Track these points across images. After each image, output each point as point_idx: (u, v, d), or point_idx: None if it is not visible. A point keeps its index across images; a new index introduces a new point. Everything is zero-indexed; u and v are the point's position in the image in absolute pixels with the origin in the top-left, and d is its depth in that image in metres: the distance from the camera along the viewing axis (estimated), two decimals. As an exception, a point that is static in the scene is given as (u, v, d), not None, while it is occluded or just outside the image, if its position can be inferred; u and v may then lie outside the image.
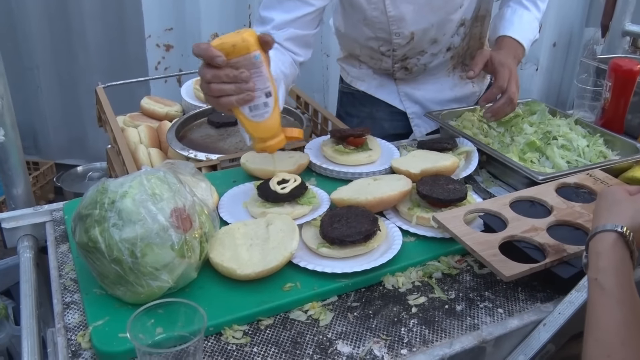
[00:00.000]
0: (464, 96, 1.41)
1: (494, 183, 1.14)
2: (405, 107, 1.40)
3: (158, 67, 2.40)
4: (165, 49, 2.39)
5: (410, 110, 1.40)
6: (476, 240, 0.82)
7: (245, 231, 0.85)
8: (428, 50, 1.27)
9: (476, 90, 1.43)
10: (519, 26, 1.26)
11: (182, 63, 2.42)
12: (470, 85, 1.40)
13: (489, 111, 1.17)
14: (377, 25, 1.20)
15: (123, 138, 1.36)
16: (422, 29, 1.21)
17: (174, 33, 2.37)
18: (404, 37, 1.22)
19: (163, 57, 2.39)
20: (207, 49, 0.80)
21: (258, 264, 0.78)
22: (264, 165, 1.07)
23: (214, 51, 0.80)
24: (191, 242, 0.74)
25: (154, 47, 2.37)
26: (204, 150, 1.31)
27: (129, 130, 1.49)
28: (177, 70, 2.41)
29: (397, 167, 1.07)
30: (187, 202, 0.76)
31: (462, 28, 1.27)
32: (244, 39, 0.81)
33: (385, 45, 1.24)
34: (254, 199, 0.98)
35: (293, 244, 0.81)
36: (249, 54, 0.82)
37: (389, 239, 0.88)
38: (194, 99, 1.76)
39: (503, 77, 1.14)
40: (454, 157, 1.06)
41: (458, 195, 0.93)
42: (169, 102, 1.73)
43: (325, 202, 0.97)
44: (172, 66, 2.42)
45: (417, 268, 0.85)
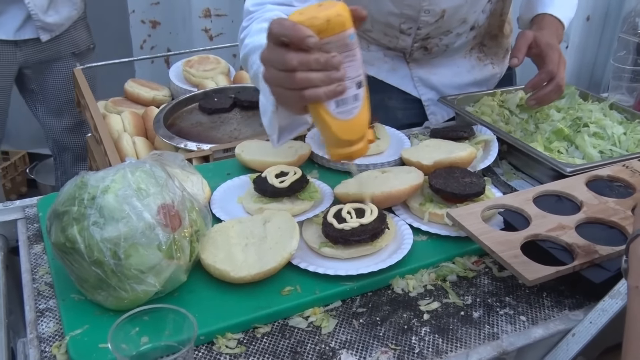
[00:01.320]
0: (483, 79, 1.41)
1: (516, 176, 1.14)
2: (420, 93, 1.40)
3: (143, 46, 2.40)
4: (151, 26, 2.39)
5: (426, 97, 1.40)
6: (495, 239, 0.82)
7: (240, 229, 0.86)
8: (454, 30, 1.27)
9: (497, 72, 1.43)
10: (559, 2, 1.25)
11: (170, 41, 2.42)
12: (489, 67, 1.40)
13: (534, 98, 1.18)
14: (406, 0, 1.19)
15: (105, 126, 1.37)
16: (455, 5, 1.20)
17: (161, 8, 2.37)
18: (433, 14, 1.21)
19: (149, 34, 2.39)
20: (294, 28, 0.70)
21: (254, 265, 0.79)
22: (262, 156, 1.08)
23: (305, 30, 0.70)
24: (180, 242, 0.75)
25: (138, 23, 2.37)
26: (194, 140, 1.32)
27: (111, 117, 1.50)
28: (165, 50, 2.41)
29: (407, 158, 1.07)
30: (176, 198, 0.76)
31: (488, 4, 1.27)
32: (339, 13, 0.69)
33: (408, 22, 1.23)
34: (249, 193, 0.98)
35: (292, 243, 0.81)
36: (343, 33, 0.71)
37: (399, 237, 0.89)
38: (183, 82, 1.76)
39: (553, 60, 1.14)
40: (471, 147, 1.06)
41: (475, 189, 0.93)
42: (155, 85, 1.74)
43: (328, 196, 0.97)
44: (159, 45, 2.42)
45: (430, 270, 0.86)
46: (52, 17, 1.90)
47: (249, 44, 0.96)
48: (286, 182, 0.94)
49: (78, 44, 2.03)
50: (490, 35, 1.38)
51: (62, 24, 1.94)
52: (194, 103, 1.53)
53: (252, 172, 1.07)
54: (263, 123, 0.91)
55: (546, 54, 1.15)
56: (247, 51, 0.96)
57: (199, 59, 1.80)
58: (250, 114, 1.48)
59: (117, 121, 1.49)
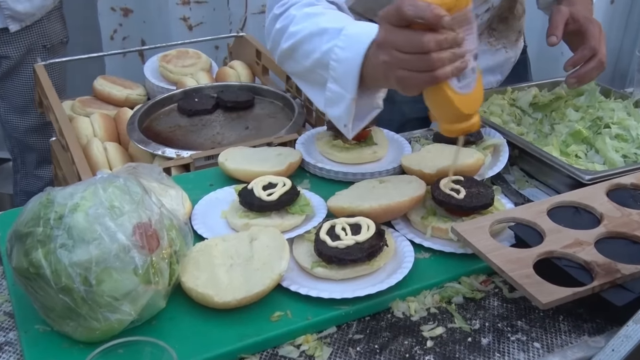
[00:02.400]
0: (496, 65, 1.43)
1: (529, 184, 1.16)
2: None
3: (114, 36, 2.41)
4: (123, 14, 2.39)
5: None
6: (505, 257, 0.84)
7: (224, 248, 0.88)
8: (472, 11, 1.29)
9: (510, 56, 1.45)
10: None
11: (145, 32, 2.42)
12: (502, 51, 1.42)
13: (574, 76, 1.20)
14: None
15: (72, 130, 1.38)
16: None
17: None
18: None
19: (120, 24, 2.40)
20: (429, 8, 0.77)
21: (240, 288, 0.80)
22: (247, 165, 1.09)
23: (440, 9, 0.77)
24: (159, 265, 0.76)
25: (107, 10, 2.37)
26: (173, 145, 1.33)
27: (79, 120, 1.51)
28: (139, 42, 2.41)
29: (408, 166, 1.09)
30: (153, 216, 0.78)
31: None
32: None
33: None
34: (234, 207, 1.00)
35: (282, 263, 0.83)
36: (467, 8, 0.80)
37: (399, 255, 0.91)
38: (160, 80, 1.77)
39: (594, 35, 1.17)
40: (478, 153, 1.08)
41: (483, 200, 0.95)
42: (129, 83, 1.75)
43: (321, 210, 0.99)
44: (131, 36, 2.42)
45: (433, 291, 0.87)
46: (23, 4, 1.89)
47: (301, 30, 0.99)
48: (275, 194, 0.96)
49: (50, 37, 2.02)
50: (500, 17, 1.40)
51: (34, 13, 1.93)
52: (172, 103, 1.54)
53: (237, 182, 1.08)
54: (330, 115, 0.98)
55: (586, 29, 1.17)
56: (301, 38, 0.99)
57: (177, 53, 1.81)
58: (235, 116, 1.50)
59: (86, 124, 1.50)
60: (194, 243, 0.88)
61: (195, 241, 0.89)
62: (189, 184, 1.08)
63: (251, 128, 1.45)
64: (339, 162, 1.14)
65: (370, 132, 1.18)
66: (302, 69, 1.02)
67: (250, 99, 1.54)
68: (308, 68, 1.00)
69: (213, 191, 1.06)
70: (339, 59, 0.92)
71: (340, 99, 0.94)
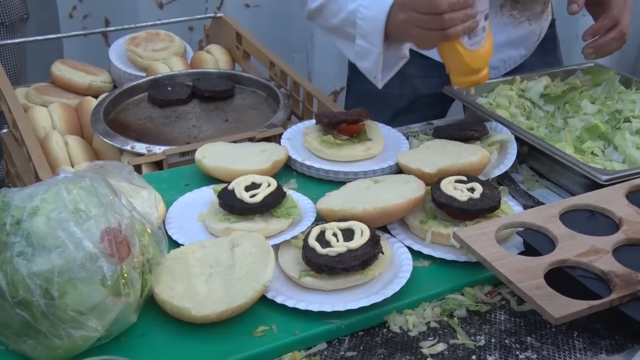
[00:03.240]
0: (519, 38, 1.45)
1: (539, 184, 1.17)
2: None
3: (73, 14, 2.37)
4: (83, -13, 2.37)
5: None
6: (513, 266, 0.85)
7: (202, 256, 0.88)
8: None
9: (535, 30, 1.47)
10: None
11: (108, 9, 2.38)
12: (525, 24, 1.44)
13: (592, 46, 1.24)
14: None
15: (27, 121, 1.38)
16: None
17: (94, -38, 2.35)
18: None
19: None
20: None
21: (220, 301, 0.81)
22: (228, 162, 1.10)
23: None
24: (129, 275, 0.76)
25: (64, -17, 2.34)
26: (144, 140, 1.33)
27: (35, 110, 1.50)
28: (102, 21, 2.39)
29: (405, 164, 1.10)
30: (123, 220, 0.78)
31: None
32: None
33: None
34: (213, 210, 1.00)
35: (267, 272, 0.83)
36: None
37: (395, 264, 0.92)
38: (128, 65, 1.76)
39: (617, 4, 1.21)
40: (484, 150, 1.09)
41: (488, 203, 0.96)
42: (92, 68, 1.74)
43: (309, 213, 1.00)
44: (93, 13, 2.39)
45: (434, 303, 0.89)
46: None
47: None
48: (258, 195, 0.96)
49: (9, 13, 1.98)
50: None
51: None
52: (142, 92, 1.54)
53: (216, 182, 1.09)
54: (361, 67, 1.20)
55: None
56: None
57: (147, 36, 1.80)
58: (212, 107, 1.50)
59: (44, 115, 1.49)
60: (169, 250, 0.88)
61: (170, 248, 0.89)
62: (163, 184, 1.09)
63: (231, 121, 1.45)
64: (329, 160, 1.15)
65: (364, 126, 1.19)
66: (331, 26, 1.23)
67: (230, 88, 1.54)
68: (336, 25, 1.21)
69: (189, 192, 1.07)
70: (365, 17, 1.14)
71: (369, 54, 1.15)
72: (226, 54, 1.76)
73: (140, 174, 1.13)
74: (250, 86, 1.58)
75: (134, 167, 1.04)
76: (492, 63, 1.48)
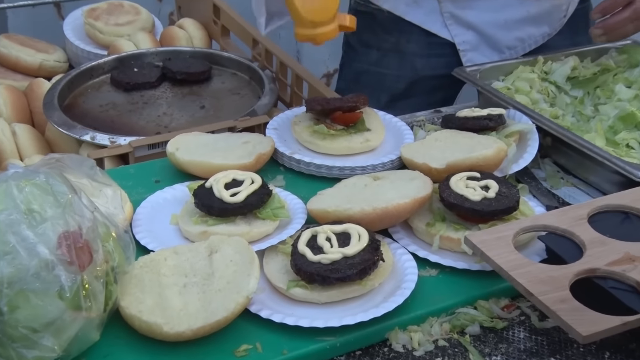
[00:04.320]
0: (541, 14, 1.46)
1: (565, 182, 1.18)
2: (453, 34, 1.45)
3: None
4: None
5: (461, 39, 1.45)
6: (534, 276, 0.85)
7: (176, 264, 0.89)
8: None
9: (561, 4, 1.48)
10: None
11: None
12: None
13: (601, 26, 1.25)
14: None
15: (-32, 107, 1.38)
16: None
17: None
18: None
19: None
20: None
21: (197, 315, 0.82)
22: (205, 155, 1.10)
23: None
24: (91, 285, 0.76)
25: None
26: (106, 130, 1.33)
27: (-24, 94, 1.50)
28: (55, -11, 2.39)
29: (409, 158, 1.11)
30: (84, 222, 0.78)
31: None
32: None
33: None
34: (188, 211, 1.01)
35: (250, 283, 0.84)
36: None
37: (398, 273, 0.93)
38: (86, 42, 1.76)
39: None
40: (500, 142, 1.10)
41: (505, 203, 0.97)
42: (43, 45, 1.74)
43: (299, 214, 1.01)
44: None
45: (442, 318, 0.89)
46: None
47: None
48: (240, 194, 0.97)
49: None
50: None
51: None
52: (104, 74, 1.55)
53: (192, 179, 1.09)
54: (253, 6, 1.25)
55: None
56: None
57: (108, 7, 1.80)
58: (186, 92, 1.51)
59: (-14, 100, 1.49)
60: (137, 257, 0.89)
61: (138, 255, 0.90)
62: (129, 181, 1.09)
63: (208, 107, 1.46)
64: (321, 153, 1.16)
65: (362, 114, 1.19)
66: None
67: (206, 70, 1.55)
68: None
69: (160, 190, 1.08)
70: None
71: None
72: (202, 30, 1.77)
73: (103, 169, 1.13)
74: (230, 67, 1.59)
75: (95, 161, 1.04)
76: (509, 42, 1.50)
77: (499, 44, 1.50)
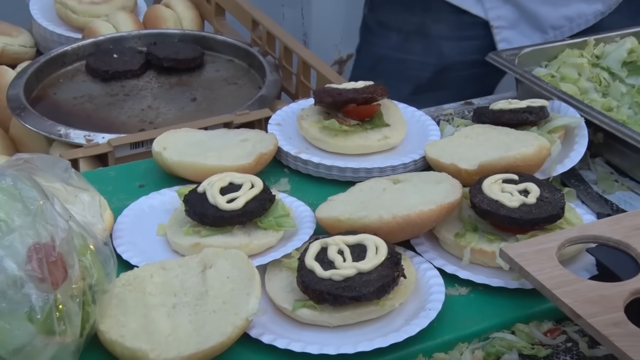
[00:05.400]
0: None
1: (619, 185, 1.18)
2: (487, 7, 1.45)
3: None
4: None
5: (496, 13, 1.45)
6: (582, 295, 0.85)
7: (163, 281, 0.89)
8: None
9: None
10: None
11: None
12: None
13: None
14: None
15: None
16: None
17: None
18: None
19: None
20: None
21: (188, 341, 0.82)
22: (197, 156, 1.11)
23: None
24: (66, 306, 0.77)
25: None
26: (81, 126, 1.33)
27: None
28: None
29: (435, 158, 1.11)
30: (57, 233, 0.79)
31: None
32: None
33: None
34: (178, 220, 1.02)
35: (250, 303, 0.84)
36: None
37: (422, 291, 0.93)
38: (56, 24, 1.76)
39: None
40: (542, 138, 1.10)
41: (548, 210, 0.98)
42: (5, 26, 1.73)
43: (306, 224, 1.02)
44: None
45: (474, 345, 0.90)
46: None
47: None
48: (238, 200, 0.98)
49: None
50: None
51: None
52: (78, 61, 1.56)
53: (182, 183, 1.10)
54: None
55: None
56: None
57: (83, -18, 1.81)
58: (175, 82, 1.51)
59: (-58, 92, 1.50)
60: (119, 273, 0.89)
61: (120, 271, 0.90)
62: (109, 185, 1.10)
63: (200, 100, 1.47)
64: (332, 153, 1.16)
65: (379, 107, 1.20)
66: None
67: (198, 56, 1.55)
68: None
69: (145, 195, 1.08)
70: None
71: None
72: (192, 9, 1.77)
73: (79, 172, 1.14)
74: (225, 53, 1.60)
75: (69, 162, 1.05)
76: (554, 21, 1.49)
77: (542, 22, 1.49)
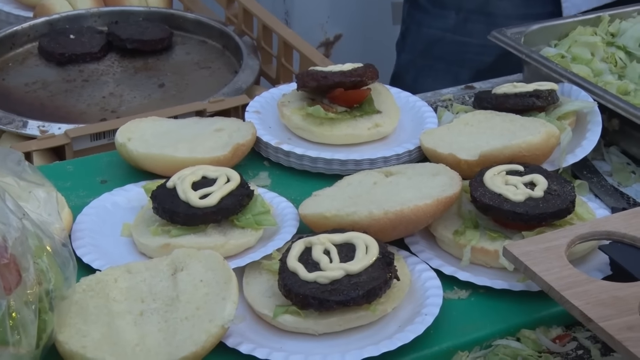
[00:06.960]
0: None
1: (636, 177, 1.20)
2: None
3: None
4: None
5: None
6: (594, 297, 0.86)
7: (129, 286, 0.91)
8: None
9: None
10: None
11: None
12: None
13: None
14: None
15: None
16: None
17: None
18: None
19: None
20: None
21: (157, 351, 0.84)
22: (165, 147, 1.12)
23: None
24: (20, 313, 0.78)
25: None
26: (35, 115, 1.34)
27: None
28: None
29: (432, 148, 1.13)
30: (9, 232, 0.79)
31: None
32: None
33: None
34: (145, 218, 1.03)
35: (226, 309, 0.86)
36: None
37: (417, 295, 0.95)
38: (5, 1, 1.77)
39: None
40: (550, 125, 1.12)
41: (557, 204, 1.00)
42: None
43: (288, 221, 1.03)
44: None
45: (475, 353, 0.91)
46: None
47: None
48: (213, 196, 0.99)
49: None
50: None
51: None
52: (30, 42, 1.57)
53: (149, 177, 1.11)
54: None
55: None
56: None
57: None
58: (140, 66, 1.53)
59: None
60: (79, 278, 0.90)
61: (80, 275, 0.91)
62: (67, 181, 1.11)
63: (169, 86, 1.48)
64: (317, 143, 1.18)
65: (370, 91, 1.21)
66: None
67: (166, 37, 1.56)
68: None
69: (108, 192, 1.10)
70: None
71: None
72: (159, -16, 1.78)
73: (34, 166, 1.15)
74: (197, 33, 1.61)
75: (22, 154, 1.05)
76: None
77: None
